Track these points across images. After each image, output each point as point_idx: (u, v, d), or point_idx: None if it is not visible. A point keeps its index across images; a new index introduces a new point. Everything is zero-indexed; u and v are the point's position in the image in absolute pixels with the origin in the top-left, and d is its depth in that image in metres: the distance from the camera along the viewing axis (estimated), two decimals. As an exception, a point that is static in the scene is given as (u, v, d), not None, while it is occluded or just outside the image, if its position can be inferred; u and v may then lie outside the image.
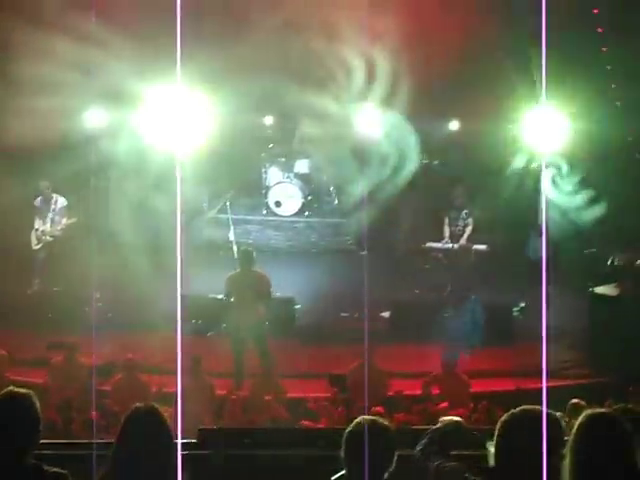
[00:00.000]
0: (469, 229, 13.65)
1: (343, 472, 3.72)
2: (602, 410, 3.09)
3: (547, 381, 11.31)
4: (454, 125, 15.61)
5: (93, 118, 14.09)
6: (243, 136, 16.07)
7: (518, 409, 3.26)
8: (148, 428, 3.80)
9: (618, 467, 2.92)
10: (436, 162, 16.14)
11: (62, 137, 12.67)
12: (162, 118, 12.67)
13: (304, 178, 16.89)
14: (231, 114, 14.44)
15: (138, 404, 3.88)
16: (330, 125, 14.47)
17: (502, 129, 14.27)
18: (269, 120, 17.30)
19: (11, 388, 3.95)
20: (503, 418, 3.27)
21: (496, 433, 3.25)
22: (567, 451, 3.02)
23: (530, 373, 11.28)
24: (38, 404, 3.92)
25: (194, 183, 12.63)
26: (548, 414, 3.21)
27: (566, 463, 3.02)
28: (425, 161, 15.83)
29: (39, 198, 14.16)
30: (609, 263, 13.84)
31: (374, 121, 14.51)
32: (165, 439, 3.82)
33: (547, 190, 13.48)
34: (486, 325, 12.62)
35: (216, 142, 14.17)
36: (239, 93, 13.60)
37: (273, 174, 16.90)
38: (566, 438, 3.18)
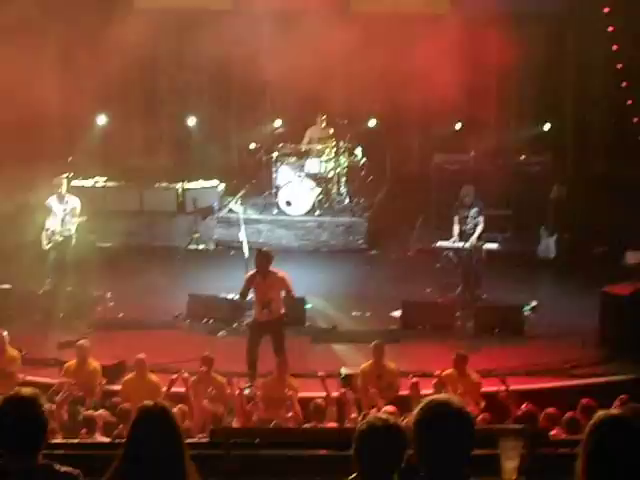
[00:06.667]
0: (480, 228, 13.55)
1: (354, 475, 3.68)
2: (614, 411, 3.06)
3: (558, 380, 11.28)
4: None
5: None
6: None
7: (430, 401, 3.29)
8: (158, 427, 3.79)
9: (632, 469, 2.89)
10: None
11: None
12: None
13: (315, 177, 16.84)
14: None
15: (147, 403, 3.87)
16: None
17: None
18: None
19: (18, 389, 3.95)
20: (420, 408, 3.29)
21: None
22: (579, 453, 3.00)
23: (541, 372, 11.27)
24: (46, 404, 3.92)
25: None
26: (459, 410, 3.23)
27: (578, 464, 3.00)
28: None
29: (52, 197, 13.79)
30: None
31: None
32: (175, 438, 3.81)
33: None
34: (497, 324, 12.59)
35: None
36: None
37: (284, 173, 16.87)
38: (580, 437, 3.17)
